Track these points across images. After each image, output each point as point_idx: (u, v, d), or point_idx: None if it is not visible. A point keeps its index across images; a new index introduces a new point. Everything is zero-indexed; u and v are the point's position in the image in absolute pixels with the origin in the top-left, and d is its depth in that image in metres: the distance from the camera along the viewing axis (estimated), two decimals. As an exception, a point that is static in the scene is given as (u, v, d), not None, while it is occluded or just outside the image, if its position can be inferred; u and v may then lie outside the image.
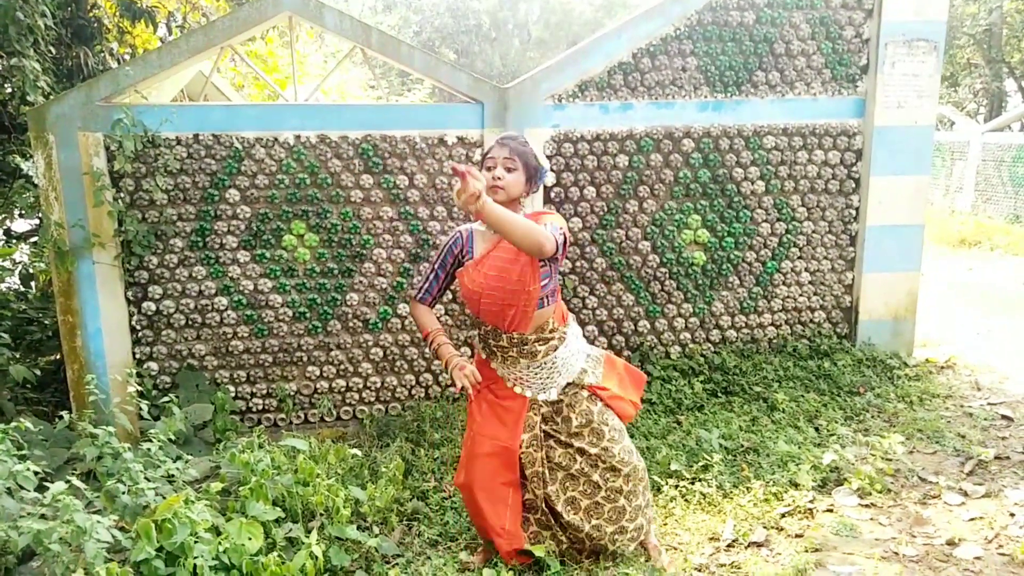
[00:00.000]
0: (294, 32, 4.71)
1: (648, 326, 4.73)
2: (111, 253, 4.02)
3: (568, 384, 2.81)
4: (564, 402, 2.80)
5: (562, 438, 2.80)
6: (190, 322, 4.21)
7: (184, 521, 2.45)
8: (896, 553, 3.00)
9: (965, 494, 3.46)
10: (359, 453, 3.55)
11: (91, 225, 3.96)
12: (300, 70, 8.78)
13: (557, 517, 2.82)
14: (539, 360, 2.77)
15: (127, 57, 5.55)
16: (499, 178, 2.65)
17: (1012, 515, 3.24)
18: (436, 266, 2.86)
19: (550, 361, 2.78)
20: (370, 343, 4.40)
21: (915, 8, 4.64)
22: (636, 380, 3.02)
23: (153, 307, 4.14)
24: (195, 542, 2.44)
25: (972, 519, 3.24)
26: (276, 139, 4.14)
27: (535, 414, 2.79)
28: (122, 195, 4.01)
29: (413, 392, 4.49)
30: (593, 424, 2.79)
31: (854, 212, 4.88)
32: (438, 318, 3.91)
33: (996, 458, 3.78)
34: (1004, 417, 4.31)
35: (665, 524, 3.26)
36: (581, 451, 2.79)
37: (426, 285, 2.89)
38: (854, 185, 4.86)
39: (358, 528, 3.10)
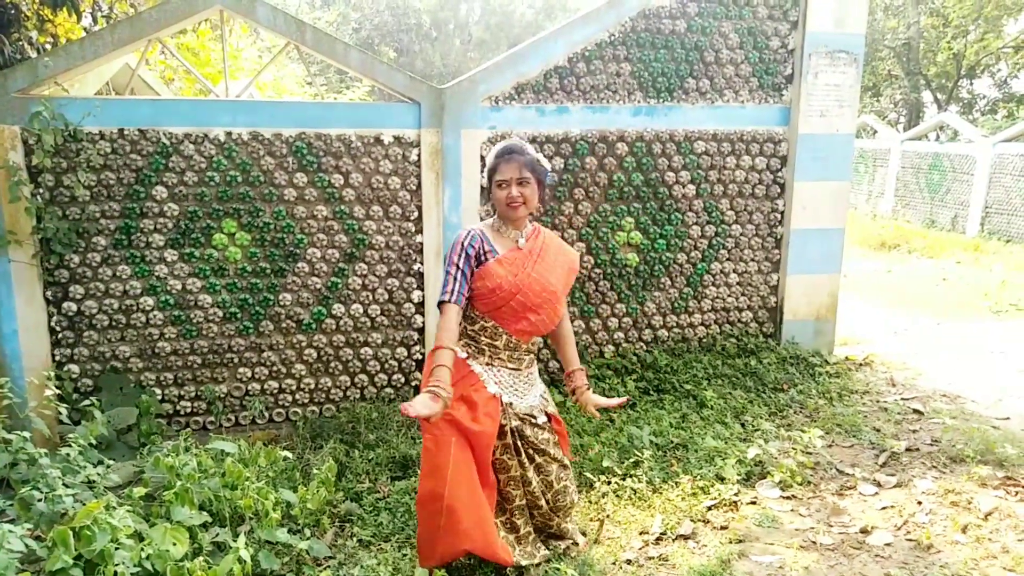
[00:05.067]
0: (226, 26, 4.60)
1: (583, 325, 4.81)
2: (28, 251, 3.86)
3: (534, 405, 2.88)
4: (528, 421, 2.85)
5: (530, 449, 2.87)
6: (114, 323, 4.08)
7: (104, 528, 2.37)
8: (814, 542, 3.14)
9: (879, 485, 3.64)
10: (290, 455, 3.50)
11: (6, 222, 3.79)
12: (234, 65, 8.58)
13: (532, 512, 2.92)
14: (522, 370, 2.84)
15: (47, 47, 5.32)
16: (518, 196, 2.69)
17: (919, 503, 3.43)
18: (460, 264, 2.67)
19: (527, 374, 2.87)
20: (304, 344, 4.34)
21: (836, 21, 4.86)
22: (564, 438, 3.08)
23: (74, 307, 3.99)
24: (116, 549, 2.37)
25: (884, 508, 3.42)
26: (206, 135, 4.04)
27: (507, 422, 2.79)
28: (41, 191, 3.85)
29: (348, 393, 4.45)
30: (548, 451, 2.89)
31: (779, 216, 5.08)
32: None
33: (907, 450, 3.99)
34: (915, 411, 4.55)
35: (597, 520, 3.32)
36: (541, 467, 2.89)
37: (456, 287, 2.65)
38: (779, 190, 5.05)
39: (289, 531, 3.06)
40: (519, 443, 2.83)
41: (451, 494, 2.61)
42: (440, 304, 2.66)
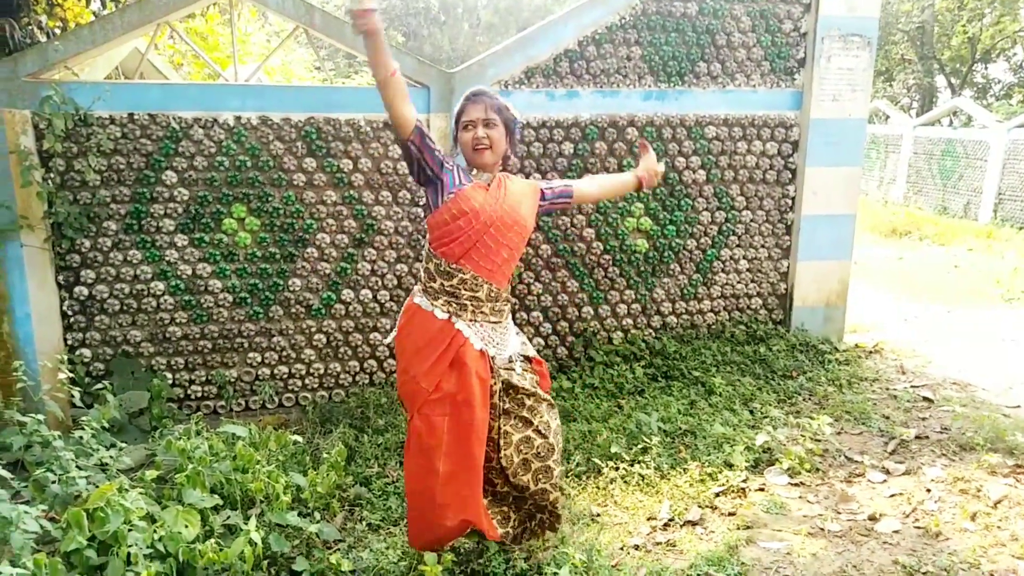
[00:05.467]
0: (235, 10, 4.59)
1: (591, 312, 4.80)
2: (40, 236, 3.88)
3: (514, 353, 2.78)
4: (512, 371, 2.75)
5: (514, 404, 2.74)
6: (125, 307, 4.10)
7: (117, 509, 2.40)
8: (822, 529, 3.15)
9: (887, 472, 3.63)
10: (300, 440, 3.52)
11: (18, 206, 3.80)
12: (242, 49, 8.56)
13: (505, 483, 2.78)
14: (501, 322, 2.73)
15: (57, 31, 5.32)
16: (484, 137, 2.58)
17: (928, 491, 3.43)
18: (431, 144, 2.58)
19: (504, 325, 2.76)
20: (313, 329, 4.36)
21: (849, 4, 4.79)
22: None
23: (85, 292, 4.02)
24: (129, 530, 2.40)
25: (893, 495, 3.41)
26: (216, 120, 4.04)
27: (495, 382, 2.69)
28: (52, 175, 3.86)
29: (357, 378, 4.47)
30: (537, 392, 2.77)
31: (790, 202, 5.04)
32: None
33: (917, 438, 3.98)
34: (925, 399, 4.53)
35: (605, 505, 3.34)
36: (526, 419, 2.73)
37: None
38: (790, 175, 5.01)
39: (299, 514, 3.09)
40: (506, 401, 2.72)
41: (442, 477, 2.54)
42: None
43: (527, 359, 2.85)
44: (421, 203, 4.40)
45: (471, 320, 2.63)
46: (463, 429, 2.57)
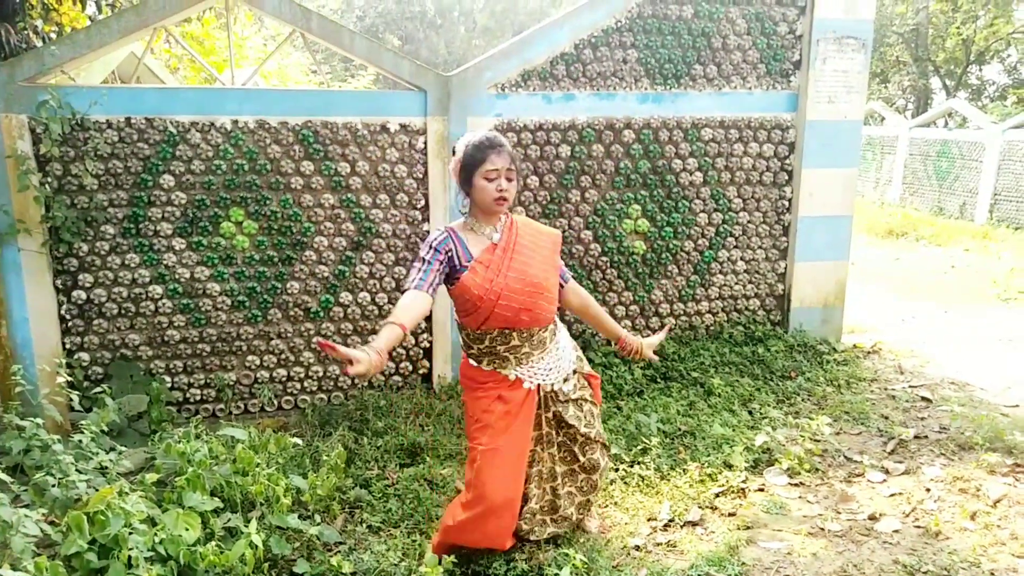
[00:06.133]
0: (231, 14, 4.60)
1: (590, 314, 4.80)
2: (38, 239, 3.88)
3: (569, 375, 2.86)
4: (567, 389, 2.84)
5: (567, 438, 2.88)
6: (123, 311, 4.09)
7: (118, 513, 2.40)
8: (822, 529, 3.15)
9: (887, 472, 3.64)
10: (300, 442, 3.52)
11: (15, 211, 3.80)
12: (238, 53, 8.57)
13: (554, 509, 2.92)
14: (548, 347, 2.78)
15: (53, 36, 5.32)
16: (505, 190, 2.60)
17: (928, 490, 3.44)
18: (427, 257, 2.59)
19: (554, 346, 2.81)
20: (312, 332, 4.35)
21: (844, 6, 4.81)
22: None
23: (83, 295, 4.01)
24: (129, 534, 2.40)
25: (892, 495, 3.42)
26: (213, 124, 4.04)
27: (544, 411, 2.80)
28: (49, 179, 3.86)
29: (356, 381, 4.47)
30: (588, 404, 2.90)
31: (787, 203, 5.06)
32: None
33: (915, 437, 3.99)
34: (924, 399, 4.54)
35: (605, 506, 3.34)
36: (574, 437, 2.87)
37: (420, 276, 2.55)
38: (787, 177, 5.02)
39: (299, 517, 3.08)
40: (556, 432, 2.85)
41: (491, 499, 2.64)
42: (404, 292, 2.55)
43: (582, 375, 2.93)
44: (419, 205, 4.40)
45: (517, 365, 2.73)
46: (506, 457, 2.68)
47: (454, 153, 2.70)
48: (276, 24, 8.74)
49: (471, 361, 2.78)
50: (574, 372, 2.89)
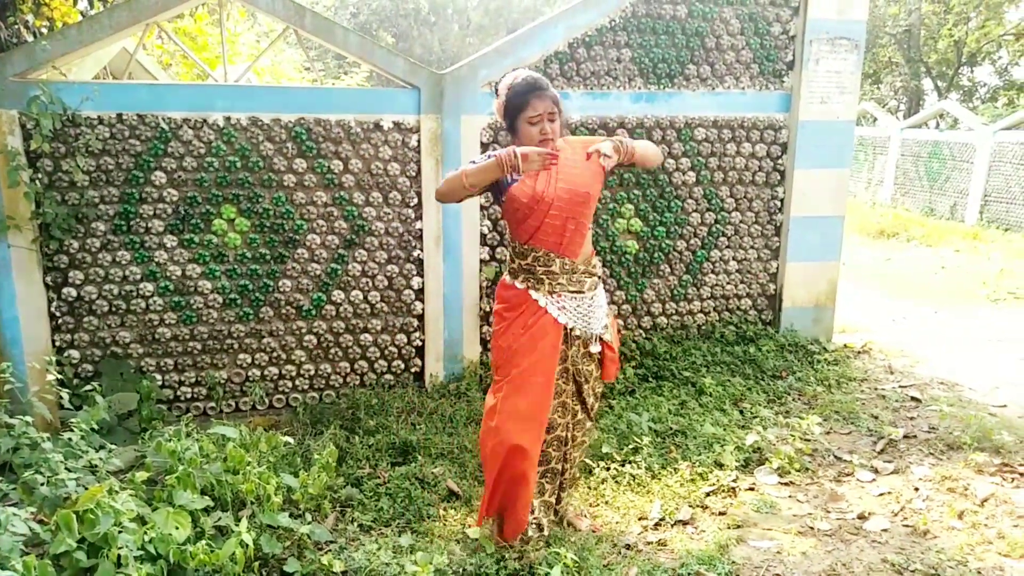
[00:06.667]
0: (224, 10, 4.58)
1: (582, 313, 4.81)
2: (28, 236, 3.85)
3: (594, 333, 2.90)
4: (592, 349, 2.90)
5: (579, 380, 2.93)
6: (114, 308, 4.08)
7: (107, 511, 2.39)
8: (812, 528, 3.17)
9: (876, 471, 3.66)
10: (291, 441, 3.51)
11: (5, 207, 3.78)
12: (231, 50, 8.53)
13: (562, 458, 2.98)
14: (585, 293, 2.85)
15: (44, 31, 5.28)
16: (550, 132, 2.69)
17: (916, 489, 3.46)
18: (478, 159, 2.73)
19: (590, 297, 2.87)
20: (303, 330, 4.35)
21: (837, 7, 4.83)
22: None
23: (74, 293, 3.99)
24: (119, 532, 2.39)
25: (881, 494, 3.44)
26: (205, 120, 4.03)
27: (569, 347, 2.85)
28: (40, 176, 3.84)
29: (348, 379, 4.46)
30: (595, 374, 2.97)
31: (779, 203, 5.07)
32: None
33: (905, 437, 4.02)
34: (913, 399, 4.57)
35: (596, 505, 3.35)
36: (583, 400, 2.96)
37: (468, 165, 2.74)
38: (779, 177, 5.04)
39: (290, 515, 3.08)
40: (573, 372, 2.90)
41: (513, 421, 2.75)
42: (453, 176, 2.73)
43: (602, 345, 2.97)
44: (412, 203, 4.40)
45: (549, 292, 2.80)
46: (531, 388, 2.77)
47: (497, 95, 2.80)
48: (269, 20, 8.71)
49: (507, 278, 2.90)
50: (604, 328, 2.93)
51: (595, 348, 2.91)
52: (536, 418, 2.77)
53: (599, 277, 2.96)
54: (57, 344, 4.03)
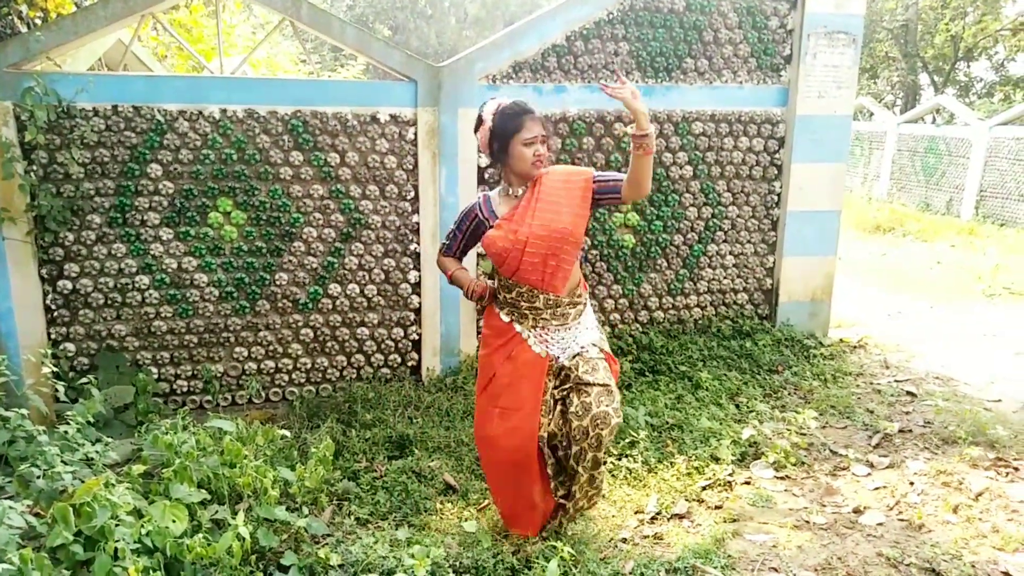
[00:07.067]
0: (220, 1, 4.55)
1: (579, 307, 4.81)
2: (23, 228, 3.83)
3: (584, 346, 2.83)
4: (578, 359, 2.79)
5: (571, 386, 2.80)
6: (109, 301, 4.06)
7: (104, 504, 2.38)
8: (807, 522, 3.18)
9: (871, 465, 3.67)
10: (288, 434, 3.51)
11: (0, 199, 3.75)
12: (227, 41, 8.48)
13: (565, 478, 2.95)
14: (568, 324, 2.83)
15: (38, 21, 5.24)
16: (542, 154, 2.73)
17: (912, 484, 3.47)
18: (455, 228, 2.94)
19: (574, 325, 2.85)
20: (300, 324, 4.34)
21: (835, 2, 4.82)
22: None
23: (69, 285, 3.98)
24: (116, 525, 2.38)
25: (877, 488, 3.45)
26: (201, 112, 4.01)
27: (549, 379, 2.84)
28: (34, 168, 3.82)
29: (344, 373, 4.46)
30: (602, 366, 2.84)
31: (776, 198, 5.07)
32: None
33: (900, 431, 4.03)
34: (909, 393, 4.58)
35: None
36: (586, 398, 2.71)
37: (447, 242, 2.97)
38: (776, 171, 5.04)
39: (287, 509, 3.07)
40: (565, 393, 2.81)
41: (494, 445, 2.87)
42: (441, 253, 3.01)
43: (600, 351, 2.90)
44: (409, 197, 4.38)
45: (532, 326, 2.82)
46: (511, 422, 2.82)
47: (481, 122, 2.76)
48: (265, 12, 8.66)
49: (495, 307, 2.92)
50: (593, 346, 2.84)
51: (592, 352, 2.80)
52: (522, 431, 2.82)
53: (584, 302, 2.91)
54: (52, 337, 4.01)
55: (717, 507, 3.30)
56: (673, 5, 4.65)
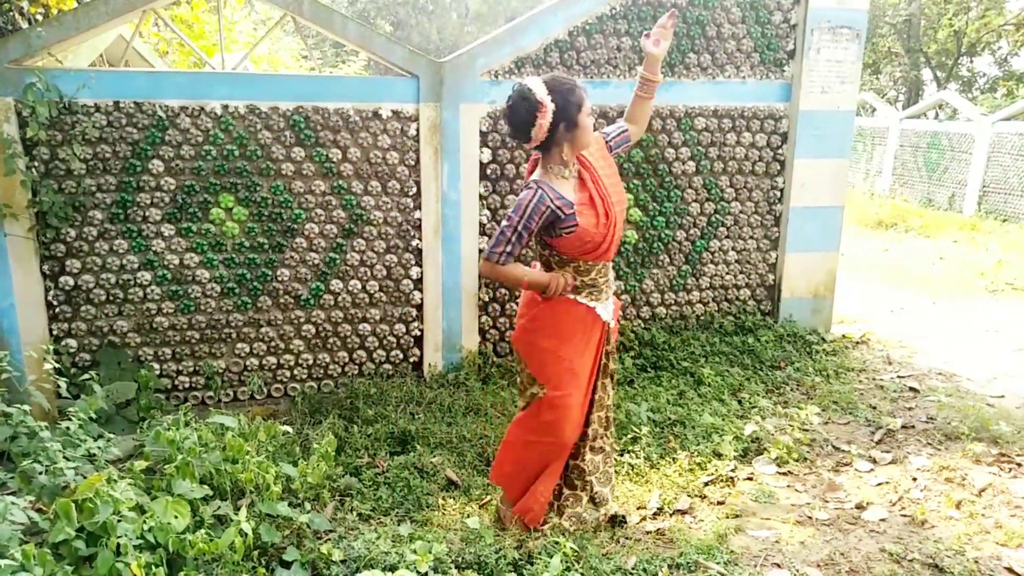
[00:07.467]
0: (221, -3, 4.54)
1: (581, 303, 4.80)
2: (24, 225, 3.83)
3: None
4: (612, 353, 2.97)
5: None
6: (111, 298, 4.06)
7: (106, 500, 2.38)
8: (810, 517, 3.17)
9: (874, 461, 3.67)
10: (290, 430, 3.51)
11: (1, 195, 3.75)
12: (228, 37, 8.47)
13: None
14: (611, 284, 2.91)
15: (39, 17, 5.23)
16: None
17: (914, 479, 3.47)
18: (520, 228, 2.61)
19: (609, 283, 2.91)
20: (302, 319, 4.34)
21: (839, -4, 4.80)
22: None
23: (71, 282, 3.98)
24: (118, 521, 2.38)
25: (879, 484, 3.45)
26: (202, 108, 4.00)
27: (606, 344, 2.90)
28: (36, 164, 3.81)
29: (346, 369, 4.46)
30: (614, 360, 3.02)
31: (779, 193, 5.06)
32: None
33: (903, 427, 4.02)
34: (911, 389, 4.58)
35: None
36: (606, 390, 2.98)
37: (508, 248, 2.64)
38: (779, 167, 5.03)
39: (289, 505, 3.08)
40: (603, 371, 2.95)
41: (566, 442, 2.87)
42: (488, 261, 2.68)
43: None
44: (411, 193, 4.37)
45: (605, 300, 2.85)
46: (578, 409, 2.84)
47: (538, 107, 2.55)
48: (267, 8, 8.65)
49: (570, 295, 2.77)
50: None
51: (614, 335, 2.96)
52: (581, 418, 2.89)
53: None
54: (54, 333, 4.01)
55: (719, 503, 3.29)
56: (676, 0, 4.63)
